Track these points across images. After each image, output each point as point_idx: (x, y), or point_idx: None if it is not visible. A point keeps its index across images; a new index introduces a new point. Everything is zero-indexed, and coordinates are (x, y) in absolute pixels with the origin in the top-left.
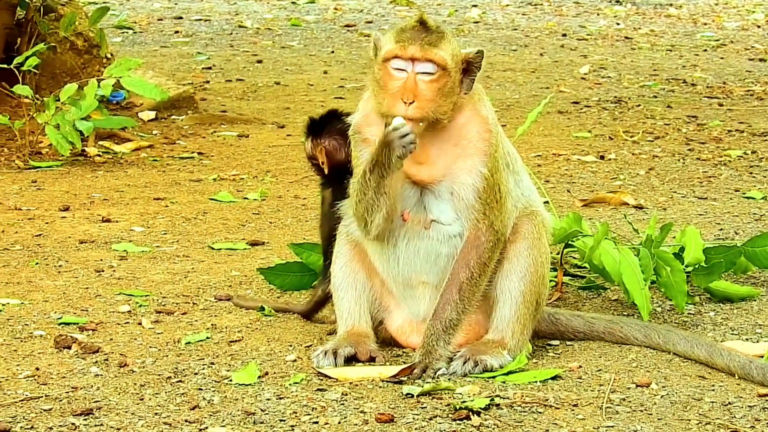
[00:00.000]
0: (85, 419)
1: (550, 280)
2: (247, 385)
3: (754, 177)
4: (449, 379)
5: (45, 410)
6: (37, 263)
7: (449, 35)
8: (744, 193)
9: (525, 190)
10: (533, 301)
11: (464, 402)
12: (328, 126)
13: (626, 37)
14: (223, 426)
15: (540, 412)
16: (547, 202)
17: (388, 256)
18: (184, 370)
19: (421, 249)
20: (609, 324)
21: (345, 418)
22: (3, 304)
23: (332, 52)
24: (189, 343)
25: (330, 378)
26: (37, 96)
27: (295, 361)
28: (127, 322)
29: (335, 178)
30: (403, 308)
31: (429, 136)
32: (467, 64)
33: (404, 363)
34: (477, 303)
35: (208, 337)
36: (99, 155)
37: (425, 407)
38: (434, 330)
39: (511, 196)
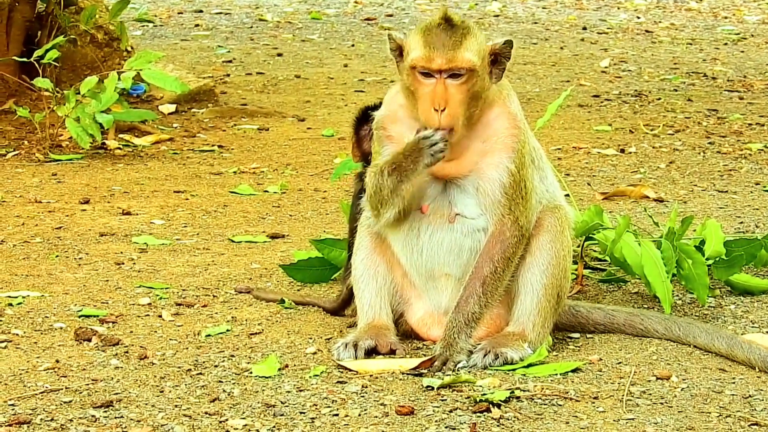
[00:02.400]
0: (105, 411)
1: (571, 273)
2: (267, 377)
3: None
4: (469, 372)
5: (65, 402)
6: (57, 256)
7: (474, 29)
8: (764, 187)
9: (549, 186)
10: (555, 294)
11: (484, 394)
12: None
13: (647, 31)
14: (243, 418)
15: (560, 405)
16: (567, 195)
17: (412, 248)
18: (204, 362)
19: (445, 241)
20: (629, 317)
21: (365, 410)
22: (23, 297)
23: (352, 45)
24: (209, 335)
25: (350, 370)
26: (57, 89)
27: (315, 353)
28: (147, 315)
29: None
30: (425, 300)
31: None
32: (495, 55)
33: (425, 356)
34: (500, 297)
35: (228, 330)
36: (119, 148)
37: (445, 400)
38: (456, 323)
39: (536, 192)
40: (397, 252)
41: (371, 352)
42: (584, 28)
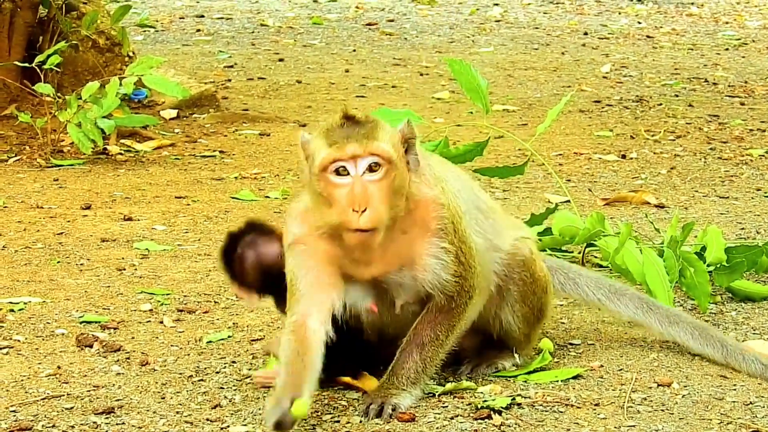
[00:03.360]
0: (107, 418)
1: None
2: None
3: None
4: (469, 379)
5: (66, 409)
6: (58, 261)
7: (380, 122)
8: (766, 193)
9: (497, 227)
10: (536, 318)
11: (486, 401)
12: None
13: (648, 36)
14: (245, 425)
15: (561, 412)
16: (568, 201)
17: (360, 331)
18: (205, 368)
19: (391, 327)
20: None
21: (366, 417)
22: (25, 303)
23: (354, 50)
24: (210, 341)
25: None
26: (58, 94)
27: None
28: (149, 321)
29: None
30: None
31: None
32: (406, 141)
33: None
34: (440, 362)
35: (229, 336)
36: (121, 153)
37: (446, 406)
38: (391, 380)
39: (482, 253)
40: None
41: None
42: (585, 34)
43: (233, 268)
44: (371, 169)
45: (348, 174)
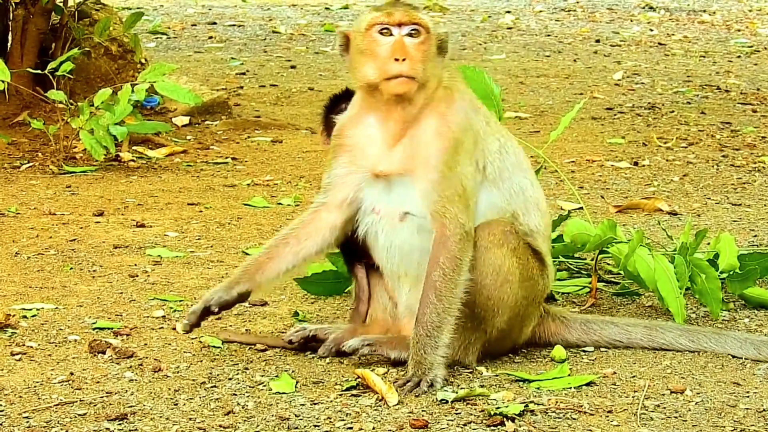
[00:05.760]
0: (120, 424)
1: (584, 287)
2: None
3: None
4: (482, 385)
5: (79, 415)
6: (71, 268)
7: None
8: None
9: (499, 199)
10: (473, 319)
11: (498, 408)
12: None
13: (660, 43)
14: (258, 431)
15: (574, 419)
16: (580, 208)
17: (371, 249)
18: (218, 375)
19: (397, 241)
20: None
21: (379, 423)
22: (38, 309)
23: None
24: (223, 348)
25: (365, 385)
26: (71, 101)
27: (329, 364)
28: (162, 327)
29: None
30: (385, 298)
31: (396, 128)
32: (440, 41)
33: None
34: (458, 300)
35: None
36: (133, 160)
37: (459, 413)
38: (419, 338)
39: (476, 197)
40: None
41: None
42: (597, 41)
43: (329, 123)
44: (411, 34)
45: (392, 35)
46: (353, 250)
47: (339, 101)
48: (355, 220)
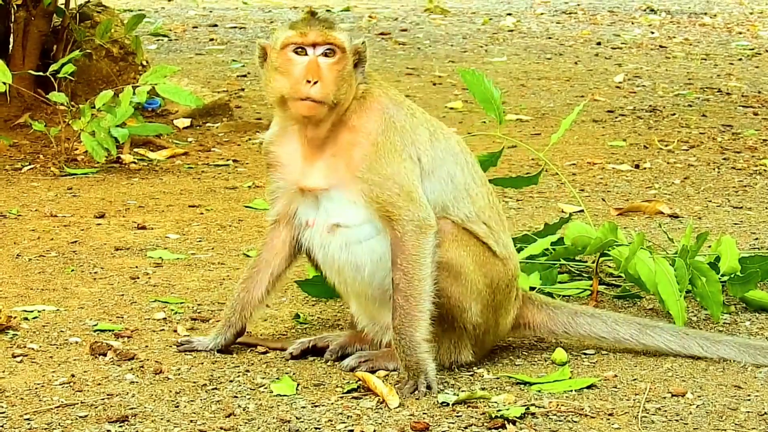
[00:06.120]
0: (121, 426)
1: (585, 289)
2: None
3: None
4: (483, 388)
5: (80, 417)
6: (72, 270)
7: (340, 25)
8: None
9: (437, 192)
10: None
11: (500, 411)
12: None
13: (661, 46)
14: None
15: (575, 422)
16: (581, 211)
17: (317, 265)
18: (219, 377)
19: (328, 257)
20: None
21: (380, 426)
22: (39, 311)
23: None
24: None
25: (366, 387)
26: (72, 103)
27: (330, 366)
28: (163, 329)
29: None
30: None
31: (314, 143)
32: (357, 54)
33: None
34: (428, 298)
35: (244, 344)
36: (134, 162)
37: (460, 416)
38: (397, 343)
39: (418, 185)
40: None
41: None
42: (598, 43)
43: None
44: (326, 54)
45: (306, 54)
46: None
47: None
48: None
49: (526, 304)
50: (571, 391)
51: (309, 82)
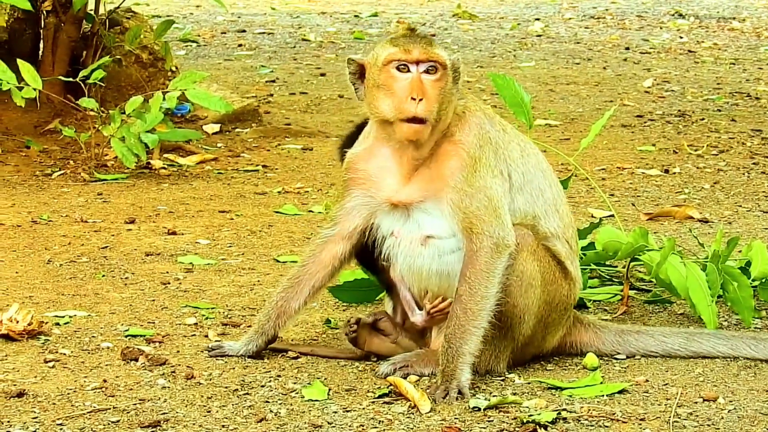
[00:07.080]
0: (153, 431)
1: (616, 294)
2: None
3: None
4: (514, 393)
5: (113, 422)
6: (103, 275)
7: (438, 42)
8: None
9: (524, 204)
10: (501, 325)
11: (531, 415)
12: None
13: (689, 51)
14: None
15: (607, 426)
16: (611, 216)
17: (392, 271)
18: (250, 382)
19: (416, 265)
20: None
21: (412, 431)
22: (70, 316)
23: None
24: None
25: (397, 392)
26: (102, 109)
27: (361, 371)
28: (194, 335)
29: None
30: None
31: (409, 161)
32: (455, 70)
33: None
34: (486, 314)
35: (274, 350)
36: (164, 168)
37: (492, 420)
38: (445, 351)
39: (505, 203)
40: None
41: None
42: (627, 48)
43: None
44: (428, 71)
45: (409, 71)
46: (374, 264)
47: (354, 138)
48: (370, 245)
49: (574, 323)
50: (603, 396)
51: (414, 99)
